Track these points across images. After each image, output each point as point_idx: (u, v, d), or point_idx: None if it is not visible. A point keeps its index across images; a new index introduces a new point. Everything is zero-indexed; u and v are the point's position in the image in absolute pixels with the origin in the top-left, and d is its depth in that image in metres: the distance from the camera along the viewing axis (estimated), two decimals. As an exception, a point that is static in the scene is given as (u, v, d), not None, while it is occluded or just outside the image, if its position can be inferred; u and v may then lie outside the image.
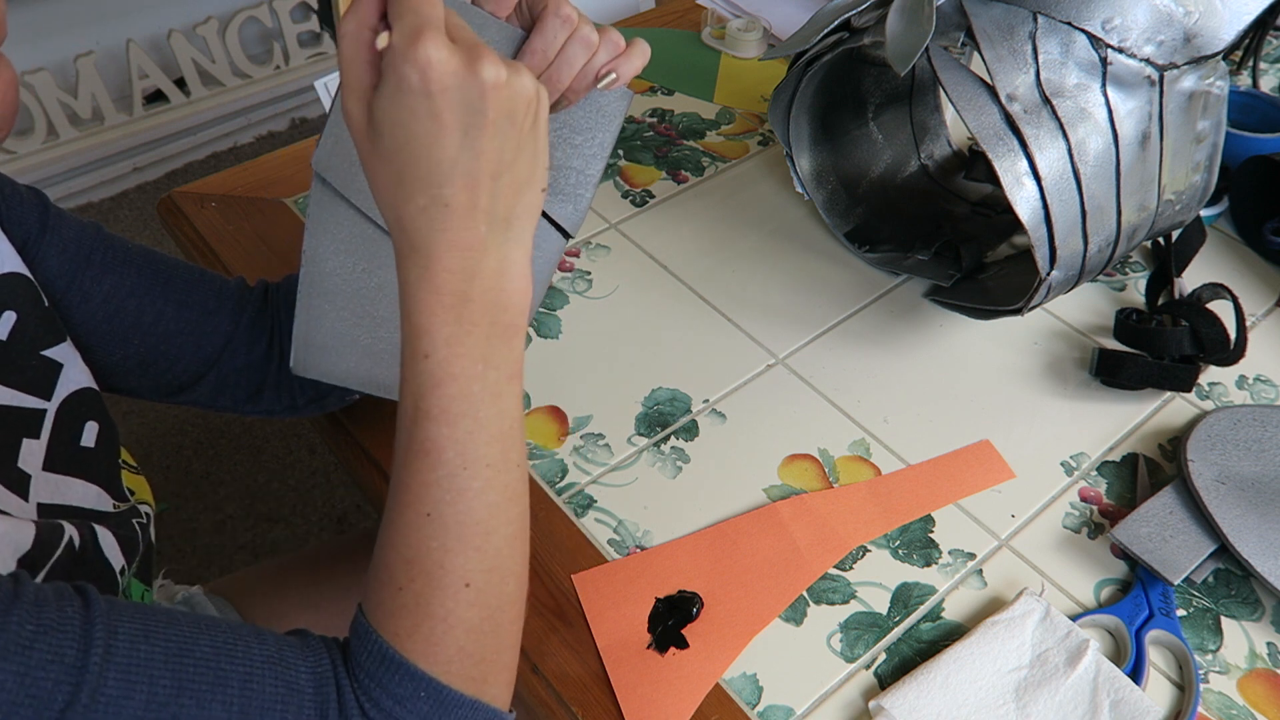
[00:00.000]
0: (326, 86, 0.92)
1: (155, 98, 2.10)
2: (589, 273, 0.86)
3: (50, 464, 0.56)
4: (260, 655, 0.45)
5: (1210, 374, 0.79)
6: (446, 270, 0.45)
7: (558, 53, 0.56)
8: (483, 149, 0.43)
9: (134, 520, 0.60)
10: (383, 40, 0.43)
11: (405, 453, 0.47)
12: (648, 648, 0.61)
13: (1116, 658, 0.62)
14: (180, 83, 2.09)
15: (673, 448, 0.73)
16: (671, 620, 0.62)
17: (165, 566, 1.48)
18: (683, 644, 0.61)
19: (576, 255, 0.87)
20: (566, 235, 0.64)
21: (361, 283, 0.60)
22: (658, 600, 0.63)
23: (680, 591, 0.64)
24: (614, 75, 0.57)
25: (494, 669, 0.49)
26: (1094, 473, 0.73)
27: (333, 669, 0.46)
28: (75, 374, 0.59)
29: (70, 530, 0.52)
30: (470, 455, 0.47)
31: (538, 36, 0.56)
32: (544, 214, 0.62)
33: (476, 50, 0.42)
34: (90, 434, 0.59)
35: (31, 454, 0.55)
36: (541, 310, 0.82)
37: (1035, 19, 0.68)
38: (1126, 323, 0.79)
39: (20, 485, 0.54)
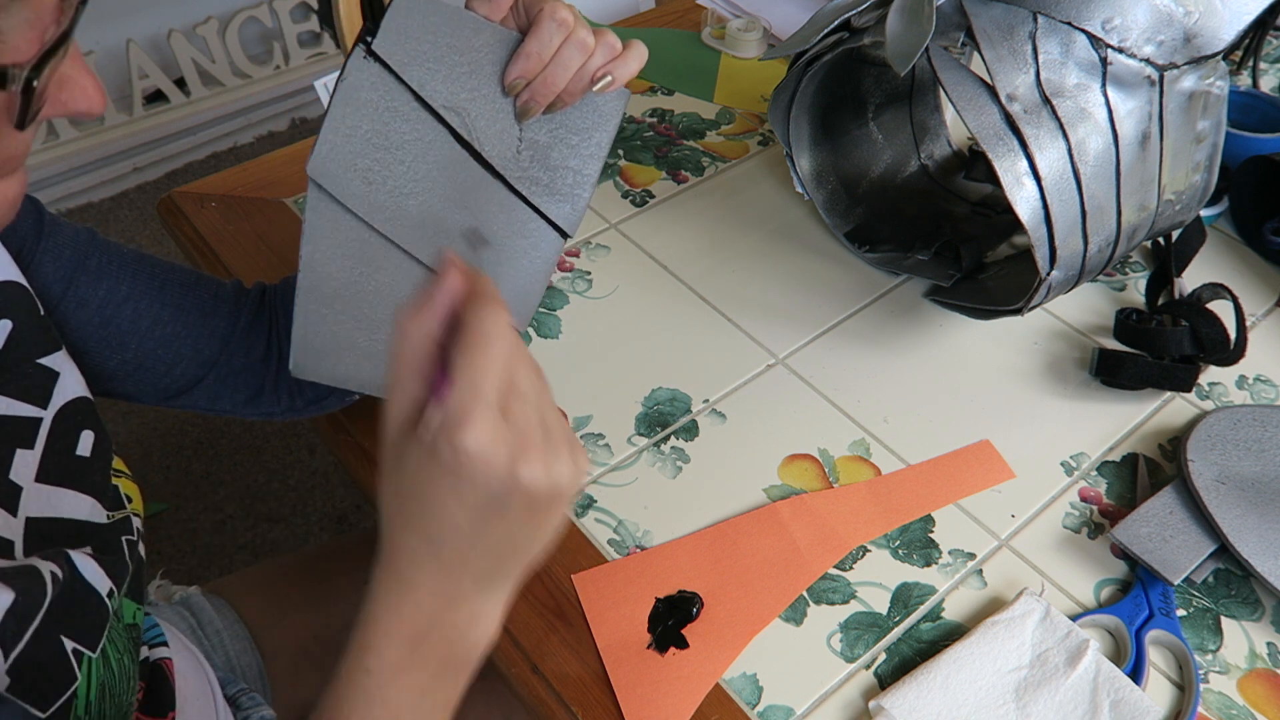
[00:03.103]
0: (326, 86, 0.91)
1: (155, 98, 2.10)
2: (589, 273, 0.86)
3: (44, 475, 0.54)
4: None
5: (1210, 374, 0.79)
6: (416, 605, 0.43)
7: (553, 56, 0.56)
8: (492, 529, 0.41)
9: (123, 537, 0.58)
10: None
11: None
12: (648, 648, 0.61)
13: (1116, 658, 0.62)
14: (180, 83, 2.09)
15: (673, 448, 0.73)
16: (671, 620, 0.62)
17: (165, 566, 1.48)
18: (683, 644, 0.61)
19: (576, 255, 0.87)
20: (564, 235, 0.64)
21: (359, 286, 0.60)
22: (658, 600, 0.63)
23: (680, 591, 0.64)
24: (610, 78, 0.57)
25: None
26: (1094, 473, 0.73)
27: None
28: (72, 382, 0.58)
29: (48, 568, 0.49)
30: None
31: (533, 40, 0.56)
32: (542, 214, 0.62)
33: (522, 444, 0.39)
34: (86, 443, 0.58)
35: (24, 465, 0.53)
36: (541, 310, 0.82)
37: (1035, 19, 0.68)
38: (1126, 323, 0.79)
39: (9, 499, 0.52)
